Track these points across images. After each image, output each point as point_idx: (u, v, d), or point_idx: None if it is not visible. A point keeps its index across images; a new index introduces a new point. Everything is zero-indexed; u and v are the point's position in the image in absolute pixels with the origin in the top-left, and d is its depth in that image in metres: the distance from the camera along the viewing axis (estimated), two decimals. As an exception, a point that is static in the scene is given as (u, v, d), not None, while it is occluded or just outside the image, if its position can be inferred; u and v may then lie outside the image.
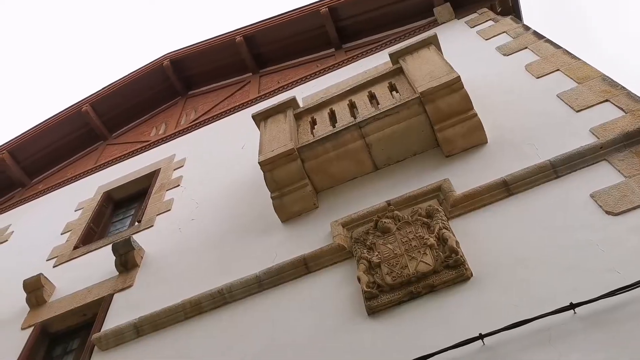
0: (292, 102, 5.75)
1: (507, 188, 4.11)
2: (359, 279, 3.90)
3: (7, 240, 7.70)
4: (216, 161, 6.92)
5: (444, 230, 3.95)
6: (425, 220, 4.15)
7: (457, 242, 3.82)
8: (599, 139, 4.07)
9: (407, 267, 3.81)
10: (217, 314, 4.42)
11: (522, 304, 3.26)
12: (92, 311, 5.27)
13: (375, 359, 3.40)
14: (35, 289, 5.65)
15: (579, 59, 5.09)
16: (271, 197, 5.10)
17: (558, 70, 5.10)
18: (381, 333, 3.58)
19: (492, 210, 4.07)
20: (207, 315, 4.46)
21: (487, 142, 4.71)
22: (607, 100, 4.39)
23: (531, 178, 4.07)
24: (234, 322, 4.28)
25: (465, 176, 4.44)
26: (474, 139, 4.72)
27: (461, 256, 3.70)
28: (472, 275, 3.64)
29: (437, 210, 4.18)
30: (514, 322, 3.11)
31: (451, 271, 3.67)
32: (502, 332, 3.12)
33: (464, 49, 6.34)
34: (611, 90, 4.47)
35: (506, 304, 3.32)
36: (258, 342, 3.98)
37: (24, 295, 5.71)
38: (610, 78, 4.62)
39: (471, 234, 3.95)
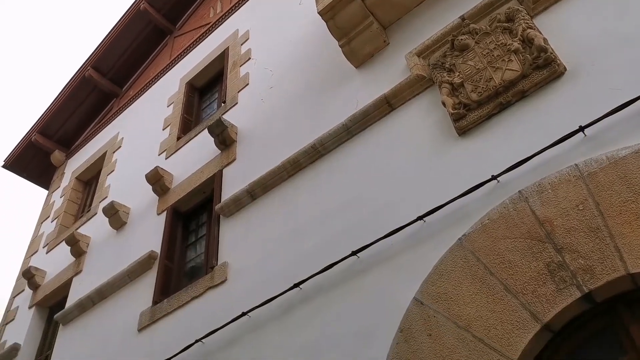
0: (338, -64, 5.23)
1: (600, -38, 3.56)
2: (443, 103, 3.82)
3: (120, 147, 8.57)
4: (278, 24, 6.75)
5: (528, 31, 3.63)
6: (506, 25, 3.82)
7: (545, 40, 3.52)
8: None
9: (492, 79, 3.64)
10: (315, 167, 4.68)
11: (626, 85, 3.02)
12: (209, 187, 5.88)
13: (474, 174, 3.39)
14: (157, 180, 6.37)
15: None
16: (339, 45, 4.96)
17: None
18: (475, 149, 3.57)
19: (583, -7, 3.61)
20: (307, 170, 4.75)
21: None
22: None
23: (629, -59, 3.47)
24: (332, 171, 4.50)
25: (547, -38, 3.90)
26: None
27: (551, 53, 3.43)
28: (565, 69, 3.39)
29: (517, 10, 3.81)
30: (617, 105, 2.92)
31: (542, 71, 3.44)
32: (604, 119, 2.96)
33: None
34: None
35: (607, 90, 3.09)
36: (357, 184, 4.18)
37: (150, 187, 6.49)
38: None
39: (561, 27, 3.60)
